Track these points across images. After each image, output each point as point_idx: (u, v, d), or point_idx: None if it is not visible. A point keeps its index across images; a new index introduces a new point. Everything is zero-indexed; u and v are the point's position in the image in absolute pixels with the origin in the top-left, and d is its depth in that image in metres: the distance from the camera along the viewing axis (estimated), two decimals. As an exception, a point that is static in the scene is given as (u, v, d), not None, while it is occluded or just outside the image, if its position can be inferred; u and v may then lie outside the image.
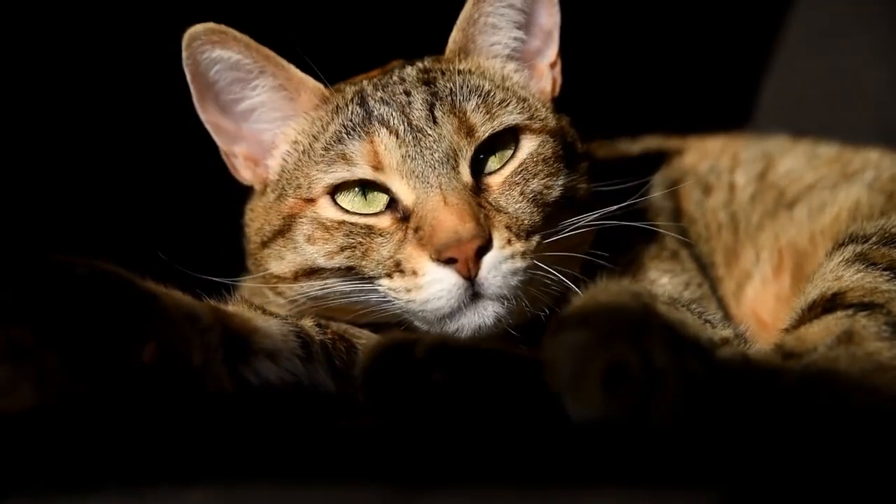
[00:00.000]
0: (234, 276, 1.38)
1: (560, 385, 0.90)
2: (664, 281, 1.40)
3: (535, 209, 1.23)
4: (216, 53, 1.26)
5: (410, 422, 0.95)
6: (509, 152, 1.26)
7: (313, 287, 1.25)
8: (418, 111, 1.23)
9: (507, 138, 1.26)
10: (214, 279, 1.24)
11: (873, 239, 1.22)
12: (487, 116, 1.24)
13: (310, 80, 1.29)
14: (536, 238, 1.21)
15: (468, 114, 1.23)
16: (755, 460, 0.87)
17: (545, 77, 1.36)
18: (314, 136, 1.28)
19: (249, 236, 1.35)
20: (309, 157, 1.27)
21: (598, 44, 1.86)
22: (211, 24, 1.24)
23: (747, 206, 1.56)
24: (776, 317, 1.42)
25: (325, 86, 1.29)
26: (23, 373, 0.99)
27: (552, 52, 1.36)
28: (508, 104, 1.27)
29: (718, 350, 1.14)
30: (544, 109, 1.33)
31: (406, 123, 1.22)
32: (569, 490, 0.85)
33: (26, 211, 1.87)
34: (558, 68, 1.37)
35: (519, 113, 1.27)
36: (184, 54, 1.25)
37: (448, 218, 1.15)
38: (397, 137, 1.21)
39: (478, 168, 1.24)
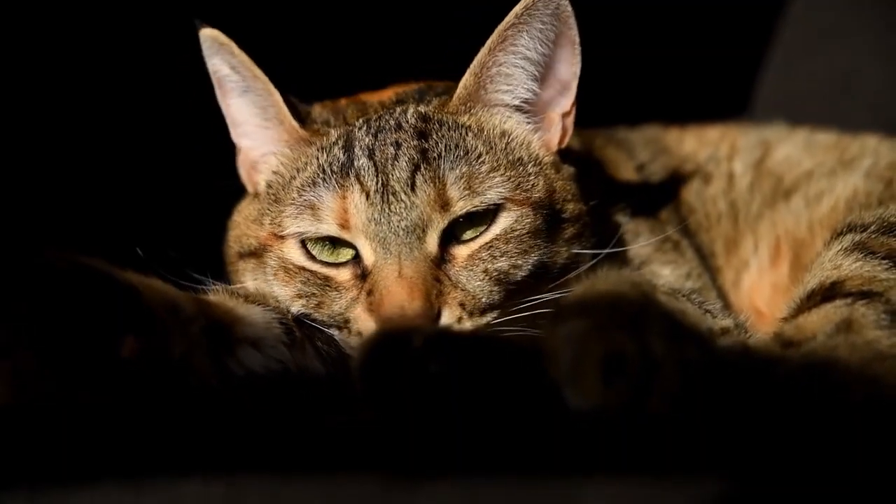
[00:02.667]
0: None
1: (559, 374, 0.90)
2: (666, 272, 1.40)
3: (497, 288, 1.20)
4: (215, 60, 1.29)
5: (409, 412, 0.95)
6: (484, 225, 1.21)
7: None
8: (400, 171, 1.19)
9: (486, 209, 1.21)
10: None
11: (872, 228, 1.21)
12: (468, 192, 1.19)
13: (288, 117, 1.28)
14: (492, 315, 1.19)
15: (447, 186, 1.18)
16: (754, 449, 0.86)
17: (554, 127, 1.30)
18: (296, 170, 1.26)
19: (229, 240, 1.34)
20: (287, 192, 1.25)
21: (596, 34, 1.85)
22: (213, 33, 1.27)
23: (746, 195, 1.56)
24: (773, 306, 1.42)
25: (301, 125, 1.28)
26: None
27: (567, 102, 1.29)
28: (496, 174, 1.21)
29: (718, 340, 1.14)
30: (537, 171, 1.26)
31: (381, 183, 1.18)
32: (569, 479, 0.85)
33: (10, 205, 1.86)
34: (571, 118, 1.30)
35: (504, 185, 1.21)
36: (202, 47, 1.30)
37: (398, 291, 1.14)
38: (367, 198, 1.18)
39: (450, 234, 1.20)
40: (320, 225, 1.21)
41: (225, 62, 1.28)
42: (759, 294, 1.48)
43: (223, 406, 1.08)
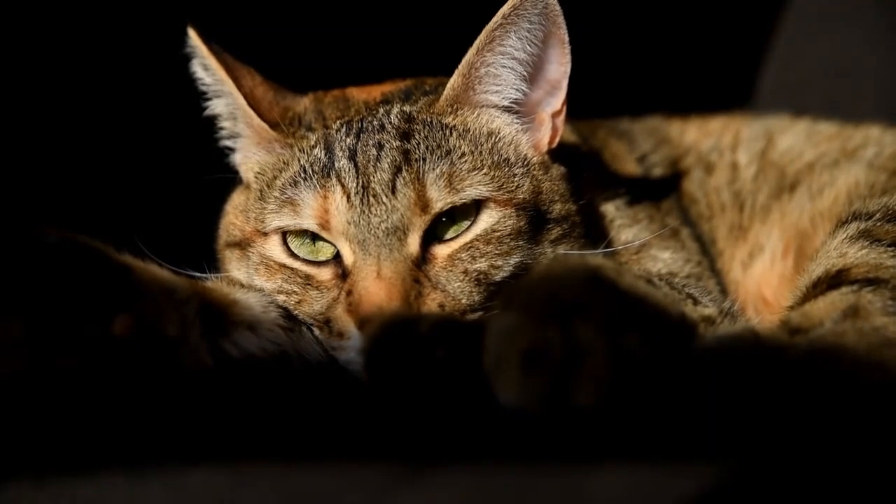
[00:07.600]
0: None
1: (487, 370, 0.88)
2: (665, 256, 1.39)
3: (477, 289, 1.18)
4: (193, 61, 1.31)
5: (414, 398, 0.95)
6: (466, 223, 1.20)
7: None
8: (381, 173, 1.18)
9: (469, 207, 1.20)
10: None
11: (877, 216, 1.21)
12: (448, 189, 1.18)
13: (256, 120, 1.28)
14: (474, 317, 1.17)
15: (427, 187, 1.17)
16: (761, 436, 0.86)
17: (544, 127, 1.28)
18: (278, 170, 1.25)
19: (219, 228, 1.35)
20: (270, 190, 1.24)
21: (601, 27, 1.85)
22: (192, 34, 1.29)
23: (752, 185, 1.55)
24: (778, 295, 1.42)
25: (272, 127, 1.28)
26: None
27: (557, 101, 1.28)
28: (479, 172, 1.20)
29: (700, 328, 1.11)
30: (524, 172, 1.25)
31: (361, 185, 1.17)
32: (574, 466, 0.85)
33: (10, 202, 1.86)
34: (562, 117, 1.29)
35: (487, 183, 1.20)
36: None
37: (376, 292, 1.13)
38: (348, 200, 1.18)
39: (432, 234, 1.19)
40: (300, 220, 1.20)
41: (199, 65, 1.30)
42: (767, 283, 1.47)
43: (226, 393, 1.08)
